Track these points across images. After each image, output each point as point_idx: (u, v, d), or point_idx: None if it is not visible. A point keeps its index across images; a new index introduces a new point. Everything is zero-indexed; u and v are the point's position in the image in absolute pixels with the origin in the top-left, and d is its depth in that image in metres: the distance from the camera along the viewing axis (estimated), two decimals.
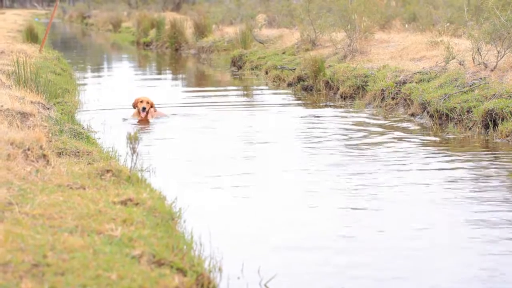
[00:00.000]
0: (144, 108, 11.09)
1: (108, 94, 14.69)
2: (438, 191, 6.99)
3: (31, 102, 8.65)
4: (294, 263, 5.20)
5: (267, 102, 13.75)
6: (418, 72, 12.38)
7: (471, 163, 8.13)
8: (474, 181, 7.33)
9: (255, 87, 16.31)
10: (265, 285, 4.75)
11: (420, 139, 9.60)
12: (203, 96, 14.69)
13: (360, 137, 9.77)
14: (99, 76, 20.04)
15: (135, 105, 11.29)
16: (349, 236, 5.77)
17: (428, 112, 10.79)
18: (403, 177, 7.51)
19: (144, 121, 11.07)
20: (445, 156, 8.58)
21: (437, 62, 12.68)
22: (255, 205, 6.66)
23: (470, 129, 9.88)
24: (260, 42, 21.00)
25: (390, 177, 7.51)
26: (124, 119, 11.32)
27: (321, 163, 8.22)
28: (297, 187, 7.25)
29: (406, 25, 21.12)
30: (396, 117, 11.30)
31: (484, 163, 8.13)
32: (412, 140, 9.51)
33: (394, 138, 9.64)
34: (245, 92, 15.72)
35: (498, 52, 11.42)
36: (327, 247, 5.52)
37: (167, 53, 26.43)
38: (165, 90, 16.00)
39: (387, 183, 7.29)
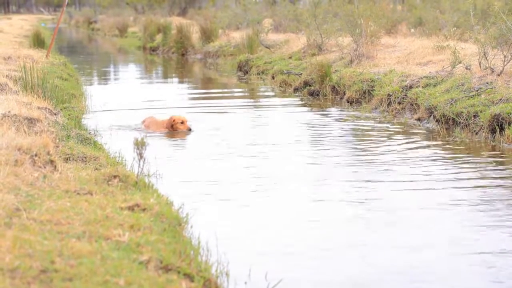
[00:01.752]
0: (190, 129, 10.62)
1: (115, 99, 14.70)
2: (445, 196, 6.97)
3: (38, 107, 8.69)
4: (301, 269, 5.20)
5: (273, 107, 13.75)
6: (424, 77, 12.37)
7: (478, 168, 8.11)
8: (481, 186, 7.31)
9: (261, 92, 16.31)
10: None
11: (427, 143, 9.59)
12: (210, 101, 14.69)
13: (366, 141, 9.78)
14: (106, 81, 20.08)
15: (170, 125, 10.65)
16: (355, 241, 5.76)
17: (434, 117, 10.78)
18: (409, 182, 7.50)
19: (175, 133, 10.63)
20: (452, 160, 8.56)
21: (443, 67, 12.68)
22: (262, 211, 6.66)
23: (476, 133, 9.86)
24: (267, 47, 21.02)
25: (396, 182, 7.50)
26: (137, 132, 10.71)
27: (327, 168, 8.23)
28: (304, 192, 7.25)
29: (412, 30, 21.13)
30: (402, 122, 11.30)
31: (491, 168, 8.11)
32: (418, 144, 9.50)
33: (401, 142, 9.63)
34: (252, 97, 15.72)
35: (505, 56, 11.41)
36: (334, 254, 5.52)
37: (174, 58, 26.48)
38: (172, 95, 16.00)
39: (393, 187, 7.28)
